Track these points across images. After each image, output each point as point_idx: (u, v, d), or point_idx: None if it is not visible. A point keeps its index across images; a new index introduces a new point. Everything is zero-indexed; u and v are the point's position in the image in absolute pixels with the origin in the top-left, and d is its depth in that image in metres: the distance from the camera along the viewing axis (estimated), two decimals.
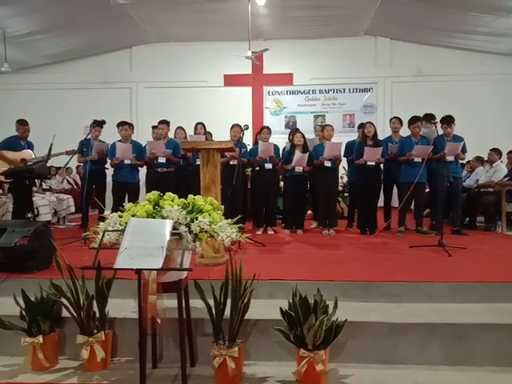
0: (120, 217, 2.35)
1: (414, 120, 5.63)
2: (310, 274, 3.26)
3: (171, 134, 6.37)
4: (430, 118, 5.69)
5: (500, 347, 2.51)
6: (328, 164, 5.61)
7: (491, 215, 6.08)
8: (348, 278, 3.17)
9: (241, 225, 2.62)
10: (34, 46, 9.51)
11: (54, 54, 10.21)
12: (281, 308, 2.38)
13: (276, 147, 5.88)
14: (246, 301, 2.38)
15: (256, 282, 2.41)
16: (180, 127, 6.53)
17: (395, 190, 6.01)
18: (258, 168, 5.85)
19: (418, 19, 8.80)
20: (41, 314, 2.56)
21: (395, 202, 6.00)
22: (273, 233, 5.79)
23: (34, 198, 5.78)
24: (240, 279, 2.38)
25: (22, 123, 5.74)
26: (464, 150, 5.56)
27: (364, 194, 5.59)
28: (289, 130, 7.59)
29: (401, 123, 6.08)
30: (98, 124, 5.74)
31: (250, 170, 6.42)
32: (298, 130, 6.62)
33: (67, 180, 9.63)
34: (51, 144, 5.27)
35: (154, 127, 6.57)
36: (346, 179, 7.88)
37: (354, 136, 6.82)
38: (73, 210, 7.41)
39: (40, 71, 10.72)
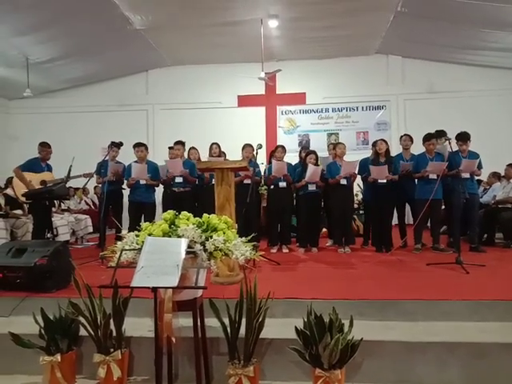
0: (137, 236, 2.40)
1: (428, 137, 5.62)
2: (325, 292, 3.24)
3: (185, 155, 6.48)
4: (441, 134, 5.69)
5: None
6: (343, 182, 5.62)
7: (510, 231, 5.97)
8: (363, 296, 3.14)
9: (255, 243, 2.64)
10: (54, 72, 9.80)
11: (73, 79, 10.52)
12: (296, 327, 2.37)
13: (290, 166, 5.92)
14: (260, 320, 2.38)
15: (271, 300, 2.41)
16: (193, 148, 6.63)
17: (408, 207, 5.96)
18: (272, 186, 5.89)
19: (429, 36, 8.85)
20: (59, 332, 2.59)
21: (409, 219, 5.94)
22: (287, 251, 5.78)
23: (53, 219, 5.91)
24: (255, 298, 2.39)
25: (45, 146, 5.90)
26: (480, 167, 5.51)
27: (377, 212, 5.56)
28: None
29: (411, 140, 6.07)
30: (116, 145, 5.88)
31: (264, 188, 6.45)
32: (308, 147, 6.67)
33: (85, 201, 9.79)
34: (70, 166, 5.40)
35: (170, 148, 6.69)
36: (360, 196, 7.84)
37: (367, 153, 6.81)
38: (90, 229, 7.52)
39: (59, 95, 11.04)
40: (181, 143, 6.14)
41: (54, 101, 10.97)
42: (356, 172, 5.66)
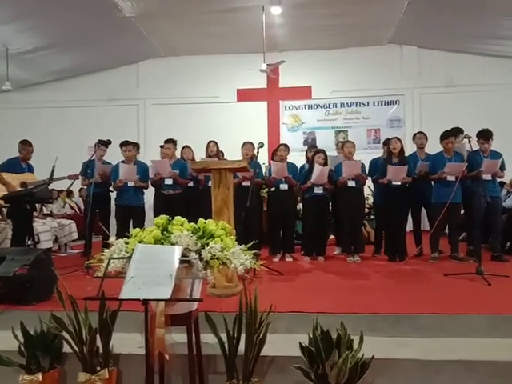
0: (126, 243, 2.40)
1: (446, 135, 5.62)
2: (332, 305, 3.24)
3: (177, 154, 6.49)
4: (460, 132, 5.70)
5: None
6: (352, 184, 5.63)
7: None
8: (375, 309, 3.15)
9: (256, 251, 2.64)
10: (36, 63, 9.85)
11: (57, 71, 10.56)
12: (300, 343, 2.37)
13: (293, 166, 5.93)
14: (261, 335, 2.38)
15: (273, 314, 2.41)
16: (186, 146, 6.65)
17: (424, 212, 5.96)
18: (273, 189, 5.90)
19: (448, 25, 8.87)
20: (41, 349, 2.59)
21: (425, 225, 5.94)
22: (291, 260, 5.79)
23: (34, 224, 5.91)
24: (255, 311, 2.39)
25: (25, 144, 5.90)
26: (503, 167, 5.52)
27: (389, 217, 5.56)
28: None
29: (426, 138, 6.08)
30: (103, 144, 5.89)
31: (265, 191, 6.46)
32: (315, 146, 6.67)
33: (69, 204, 9.80)
34: (53, 166, 5.42)
35: (162, 146, 6.70)
36: (371, 200, 7.85)
37: (379, 153, 6.82)
38: (75, 236, 7.53)
39: (42, 89, 11.09)
40: (172, 142, 6.15)
41: (36, 95, 11.00)
42: (360, 172, 5.65)
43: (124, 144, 5.99)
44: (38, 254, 3.59)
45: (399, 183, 5.45)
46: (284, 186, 5.80)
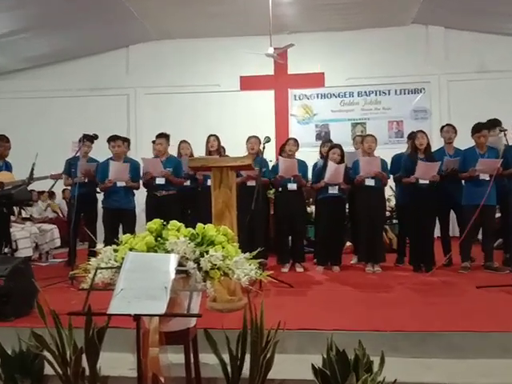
0: (115, 251, 2.41)
1: (478, 127, 5.58)
2: (349, 322, 3.24)
3: (174, 150, 6.50)
4: (494, 124, 5.66)
5: None
6: (371, 183, 5.61)
7: None
8: (398, 327, 3.14)
9: (262, 260, 2.64)
10: (13, 48, 9.90)
11: (36, 57, 10.62)
12: (313, 365, 2.37)
13: (303, 164, 5.92)
14: (268, 356, 2.38)
15: (281, 332, 2.41)
16: (184, 141, 6.66)
17: (453, 215, 5.94)
18: (280, 189, 5.90)
19: (480, 3, 8.84)
20: (19, 370, 2.60)
21: (455, 230, 5.91)
22: (302, 270, 5.78)
23: (11, 229, 5.94)
24: (261, 328, 2.39)
25: (1, 139, 5.91)
26: None
27: (416, 221, 5.53)
28: (320, 142, 7.62)
29: (455, 132, 6.05)
30: (89, 139, 5.90)
31: (273, 192, 6.46)
32: (331, 141, 6.65)
33: (51, 207, 9.85)
34: (33, 164, 5.43)
35: (154, 142, 6.72)
36: (393, 202, 7.82)
37: (402, 148, 6.80)
38: (58, 243, 7.55)
39: (19, 77, 11.14)
40: (164, 136, 6.15)
41: (12, 84, 11.07)
42: (380, 170, 5.62)
43: (112, 139, 5.99)
44: (15, 264, 3.61)
45: (427, 182, 5.43)
46: (292, 186, 5.78)
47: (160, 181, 5.89)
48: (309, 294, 4.48)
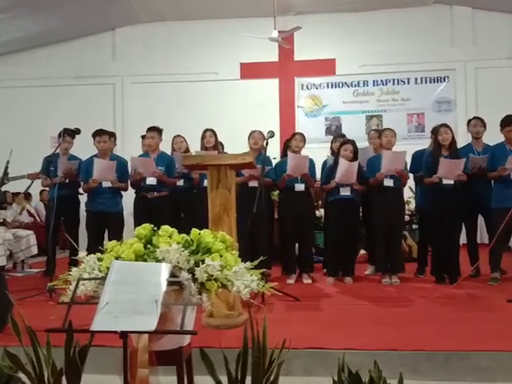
0: (99, 260, 2.41)
1: (509, 121, 5.59)
2: (363, 340, 3.23)
3: (167, 146, 6.51)
4: None
5: None
6: (389, 183, 5.60)
7: None
8: (418, 346, 3.14)
9: (265, 270, 2.64)
10: None
11: (12, 41, 10.63)
12: None
13: (310, 161, 5.92)
14: (272, 378, 2.38)
15: (286, 351, 2.41)
16: (178, 136, 6.67)
17: (481, 219, 5.93)
18: (286, 190, 5.89)
19: None
20: None
21: (483, 237, 5.90)
22: (310, 281, 5.78)
23: None
24: (264, 347, 2.38)
25: None
26: None
27: (439, 226, 5.53)
28: (331, 137, 7.63)
29: (484, 125, 6.04)
30: (70, 134, 5.91)
31: (277, 193, 6.46)
32: (343, 136, 6.65)
33: (28, 210, 9.86)
34: (7, 162, 5.44)
35: (143, 137, 6.73)
36: (413, 205, 7.82)
37: (424, 143, 6.80)
38: (35, 251, 7.57)
39: None
40: (156, 130, 6.14)
41: None
42: (403, 168, 5.62)
43: (98, 133, 6.00)
44: None
45: (452, 182, 5.42)
46: (300, 187, 5.78)
47: (151, 181, 5.89)
48: (317, 309, 4.48)
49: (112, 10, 10.27)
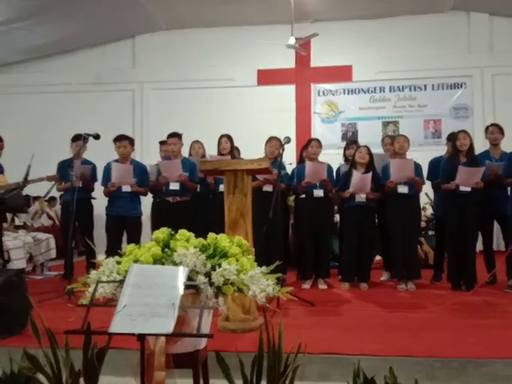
0: (118, 263, 2.42)
1: None
2: (378, 346, 3.22)
3: (185, 151, 6.54)
4: None
5: None
6: (404, 190, 5.58)
7: None
8: (434, 352, 3.11)
9: (280, 275, 2.63)
10: (7, 39, 10.01)
11: (33, 48, 10.76)
12: None
13: (330, 168, 5.90)
14: (287, 382, 2.37)
15: (302, 356, 2.40)
16: (197, 141, 6.69)
17: (497, 226, 5.88)
18: (303, 196, 5.88)
19: None
20: None
21: (500, 244, 5.84)
22: (326, 287, 5.76)
23: (3, 239, 6.00)
24: (279, 352, 2.38)
25: None
26: None
27: (455, 232, 5.49)
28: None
29: (502, 132, 5.98)
30: (85, 139, 5.90)
31: (293, 198, 6.45)
32: (356, 142, 6.62)
33: (48, 214, 9.92)
34: (29, 166, 5.49)
35: (161, 143, 6.77)
36: (429, 211, 7.76)
37: (440, 150, 6.74)
38: (54, 254, 7.61)
39: (13, 70, 11.30)
40: (177, 136, 6.19)
41: (6, 77, 11.22)
42: (413, 174, 5.57)
43: (119, 139, 6.06)
44: (7, 277, 3.64)
45: (469, 189, 5.37)
46: (319, 193, 5.77)
47: (174, 186, 5.93)
48: (333, 314, 4.46)
49: (132, 18, 10.35)
